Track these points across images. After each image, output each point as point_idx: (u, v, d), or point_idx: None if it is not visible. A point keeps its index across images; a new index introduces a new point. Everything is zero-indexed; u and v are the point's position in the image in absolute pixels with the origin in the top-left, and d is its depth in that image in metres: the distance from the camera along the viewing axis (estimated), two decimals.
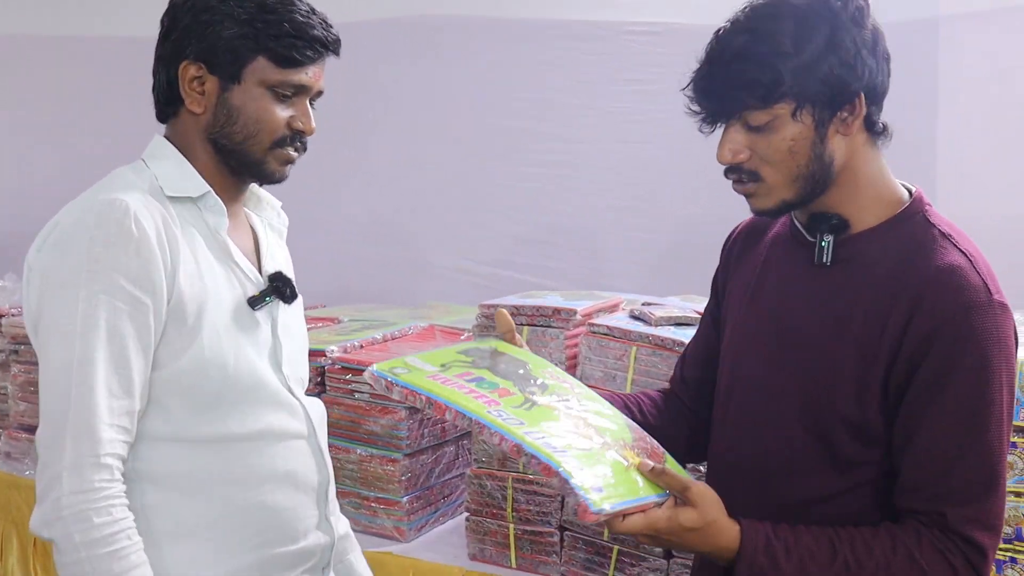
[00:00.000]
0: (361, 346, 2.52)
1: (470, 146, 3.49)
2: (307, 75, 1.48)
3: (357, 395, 2.38)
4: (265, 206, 1.66)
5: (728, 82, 1.31)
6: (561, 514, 2.18)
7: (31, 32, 4.14)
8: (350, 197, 3.62)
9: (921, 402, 1.29)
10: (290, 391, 1.54)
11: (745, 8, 1.34)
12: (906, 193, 1.41)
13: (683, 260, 3.05)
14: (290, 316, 1.59)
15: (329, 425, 2.39)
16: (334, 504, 1.61)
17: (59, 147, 4.07)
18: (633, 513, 1.26)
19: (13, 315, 2.96)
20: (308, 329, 2.73)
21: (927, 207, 1.39)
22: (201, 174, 1.48)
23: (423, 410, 1.28)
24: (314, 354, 2.44)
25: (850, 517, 1.36)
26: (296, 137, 1.50)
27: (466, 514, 2.30)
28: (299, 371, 1.61)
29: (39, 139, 4.15)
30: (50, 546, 1.36)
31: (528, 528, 2.21)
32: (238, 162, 1.49)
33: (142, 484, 1.40)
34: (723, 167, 1.38)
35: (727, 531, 1.31)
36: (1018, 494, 1.76)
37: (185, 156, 1.48)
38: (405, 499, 2.35)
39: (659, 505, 1.29)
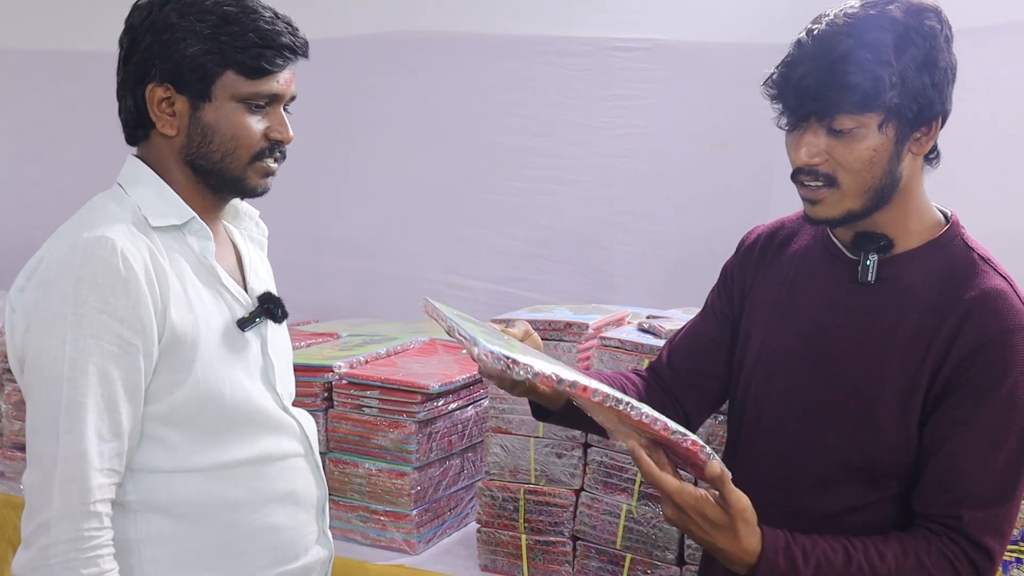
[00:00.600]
0: (367, 361, 2.53)
1: (459, 161, 3.52)
2: (279, 83, 1.43)
3: (366, 410, 2.40)
4: (244, 217, 1.63)
5: (829, 82, 1.30)
6: (574, 523, 2.21)
7: (24, 47, 4.12)
8: (339, 212, 3.63)
9: (958, 412, 1.35)
10: (284, 409, 1.54)
11: (842, 13, 1.34)
12: (943, 216, 1.45)
13: (677, 274, 3.10)
14: (278, 333, 1.58)
15: (337, 440, 2.44)
16: (329, 518, 1.63)
17: (45, 163, 4.04)
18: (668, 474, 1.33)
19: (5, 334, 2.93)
20: (308, 345, 2.77)
21: (963, 231, 1.44)
22: (181, 196, 1.45)
23: (563, 390, 1.27)
24: (320, 370, 2.47)
25: (875, 526, 1.41)
26: (275, 147, 1.46)
27: (477, 525, 2.32)
28: (288, 387, 1.60)
29: (25, 154, 4.13)
30: None
31: (540, 538, 2.24)
32: (218, 181, 1.46)
33: (146, 514, 1.38)
34: (795, 168, 1.38)
35: (750, 534, 1.34)
36: None
37: (163, 178, 1.45)
38: (414, 512, 2.37)
39: (701, 463, 1.32)
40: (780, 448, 1.49)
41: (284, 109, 1.48)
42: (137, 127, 1.45)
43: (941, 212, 1.46)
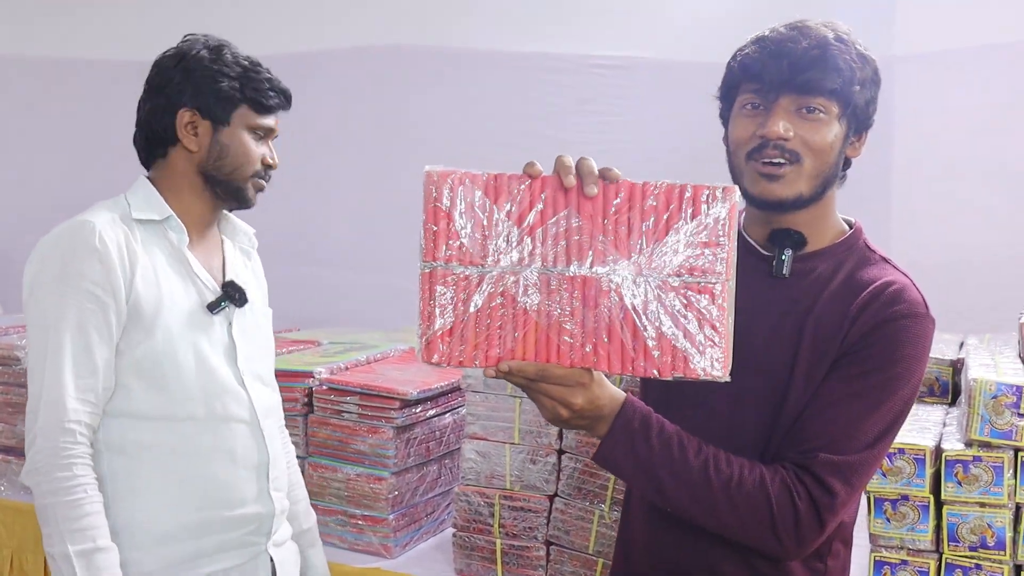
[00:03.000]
0: (347, 368, 2.58)
1: None
2: (273, 120, 1.86)
3: (345, 415, 2.44)
4: (240, 233, 1.97)
5: (820, 60, 1.41)
6: (547, 529, 2.26)
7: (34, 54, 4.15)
8: (323, 223, 3.69)
9: (845, 377, 1.43)
10: (241, 383, 1.81)
11: (809, 20, 1.46)
12: (847, 225, 1.56)
13: None
14: (250, 322, 1.87)
15: (317, 444, 2.49)
16: (279, 482, 1.86)
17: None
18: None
19: None
20: (289, 352, 2.81)
21: (865, 236, 1.55)
22: (188, 203, 1.81)
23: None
24: (301, 375, 2.51)
25: None
26: (267, 169, 1.85)
27: (453, 530, 2.37)
28: (257, 368, 1.87)
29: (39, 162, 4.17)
30: (28, 565, 1.59)
31: (514, 543, 2.29)
32: (224, 190, 1.82)
33: (109, 453, 1.70)
34: (758, 143, 1.43)
35: (611, 395, 1.37)
36: (982, 504, 1.90)
37: (174, 189, 1.80)
38: (391, 516, 2.41)
39: None
40: (704, 429, 1.49)
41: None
42: (159, 146, 1.80)
43: (846, 221, 1.57)
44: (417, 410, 2.44)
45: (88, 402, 1.65)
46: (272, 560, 1.84)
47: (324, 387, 2.48)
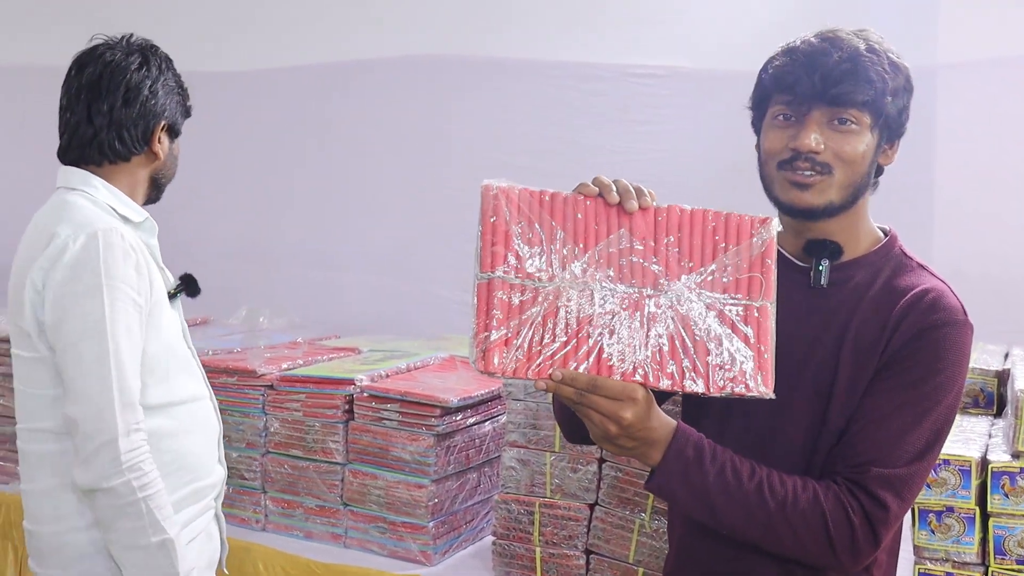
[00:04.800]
0: (387, 375, 2.59)
1: (476, 183, 3.56)
2: None
3: (385, 422, 2.46)
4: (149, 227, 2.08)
5: (854, 74, 1.41)
6: (587, 537, 2.26)
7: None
8: (360, 230, 3.71)
9: (889, 389, 1.43)
10: (198, 362, 2.00)
11: (848, 30, 1.47)
12: (882, 233, 1.56)
13: None
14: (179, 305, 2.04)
15: (357, 451, 2.51)
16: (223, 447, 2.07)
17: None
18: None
19: None
20: (330, 359, 2.85)
21: (901, 243, 1.55)
22: (140, 204, 1.95)
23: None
24: (342, 383, 2.53)
25: None
26: None
27: (492, 539, 2.38)
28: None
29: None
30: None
31: (554, 551, 2.29)
32: (156, 193, 2.01)
33: None
34: (790, 155, 1.44)
35: (663, 421, 1.38)
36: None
37: (133, 193, 1.93)
38: (431, 524, 2.42)
39: None
40: (745, 441, 1.51)
41: None
42: (130, 152, 1.91)
43: (881, 229, 1.57)
44: (457, 418, 2.45)
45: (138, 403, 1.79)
46: (217, 518, 2.02)
47: (365, 394, 2.50)
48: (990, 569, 1.90)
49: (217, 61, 3.94)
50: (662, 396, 1.42)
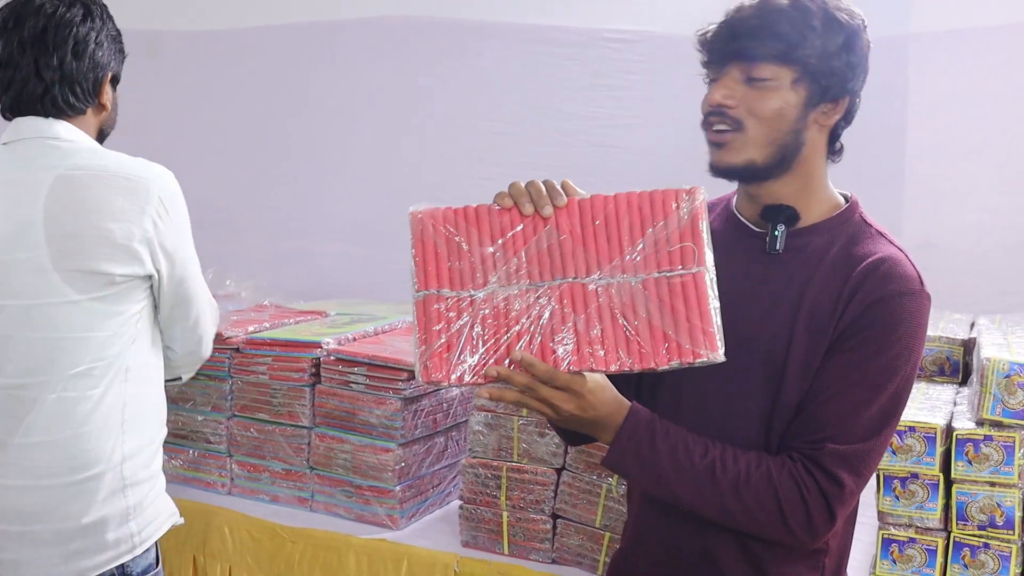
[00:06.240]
0: (354, 339, 2.57)
1: (450, 148, 3.55)
2: None
3: (352, 386, 2.44)
4: None
5: (760, 28, 1.41)
6: (555, 502, 2.26)
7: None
8: (332, 198, 3.66)
9: (845, 361, 1.43)
10: None
11: None
12: (842, 199, 1.55)
13: None
14: None
15: (323, 415, 2.49)
16: None
17: None
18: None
19: None
20: (296, 323, 2.82)
21: (862, 210, 1.54)
22: None
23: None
24: (309, 346, 2.51)
25: None
26: None
27: (459, 503, 2.37)
28: None
29: None
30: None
31: (521, 516, 2.28)
32: (103, 142, 1.99)
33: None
34: (706, 112, 1.46)
35: (614, 403, 1.42)
36: (992, 484, 1.89)
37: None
38: (398, 488, 2.41)
39: None
40: (699, 413, 1.52)
41: None
42: (84, 105, 1.91)
43: (842, 195, 1.56)
44: None
45: None
46: None
47: (332, 358, 2.47)
48: (952, 534, 1.92)
49: (185, 20, 3.86)
50: (624, 377, 1.43)
